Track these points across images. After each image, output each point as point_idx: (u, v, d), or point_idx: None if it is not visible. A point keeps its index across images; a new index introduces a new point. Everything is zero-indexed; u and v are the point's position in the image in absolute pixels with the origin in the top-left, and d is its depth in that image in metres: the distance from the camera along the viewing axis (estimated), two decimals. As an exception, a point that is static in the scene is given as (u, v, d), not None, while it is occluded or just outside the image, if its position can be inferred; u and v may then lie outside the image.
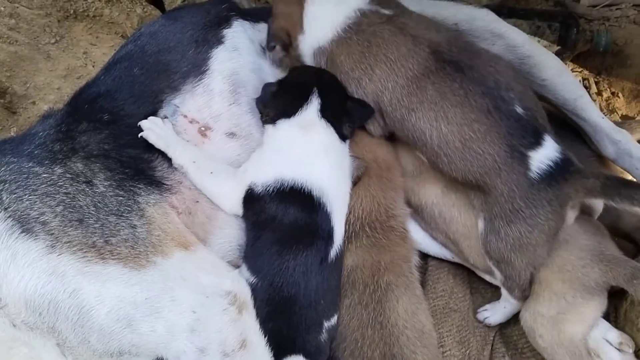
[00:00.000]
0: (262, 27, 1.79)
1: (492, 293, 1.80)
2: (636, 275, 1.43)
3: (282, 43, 1.69)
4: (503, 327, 1.75)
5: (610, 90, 2.45)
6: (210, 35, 1.68)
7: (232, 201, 1.51)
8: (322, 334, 1.44)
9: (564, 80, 1.75)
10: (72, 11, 2.27)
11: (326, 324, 1.45)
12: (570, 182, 1.42)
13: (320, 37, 1.64)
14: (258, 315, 1.38)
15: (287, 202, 1.46)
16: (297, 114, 1.55)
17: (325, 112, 1.56)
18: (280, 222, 1.45)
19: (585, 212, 1.59)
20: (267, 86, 1.63)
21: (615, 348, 1.52)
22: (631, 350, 1.52)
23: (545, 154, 1.44)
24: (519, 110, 1.47)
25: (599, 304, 1.50)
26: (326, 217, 1.48)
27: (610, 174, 1.45)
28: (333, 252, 1.48)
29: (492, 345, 1.71)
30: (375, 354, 1.42)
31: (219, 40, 1.69)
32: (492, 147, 1.45)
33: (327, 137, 1.56)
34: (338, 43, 1.61)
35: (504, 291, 1.61)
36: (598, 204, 1.55)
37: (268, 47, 1.72)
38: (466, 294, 1.79)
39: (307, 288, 1.42)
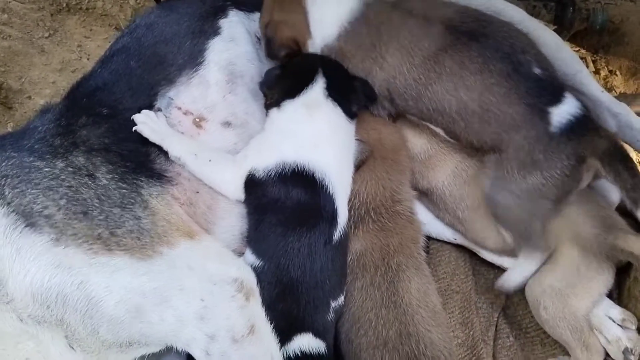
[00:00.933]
0: (257, 17, 1.78)
1: (495, 274, 1.81)
2: None
3: (290, 52, 1.66)
4: (506, 307, 1.77)
5: (607, 69, 2.45)
6: (206, 26, 1.68)
7: (234, 187, 1.52)
8: (329, 314, 1.46)
9: (563, 55, 1.75)
10: (64, 4, 2.25)
11: (333, 304, 1.47)
12: (587, 138, 1.44)
13: (326, 36, 1.64)
14: (267, 296, 1.39)
15: (290, 185, 1.47)
16: (302, 93, 1.56)
17: (332, 91, 1.57)
18: (283, 205, 1.46)
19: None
20: (270, 70, 1.63)
21: (618, 325, 1.54)
22: (634, 327, 1.54)
23: (566, 109, 1.46)
24: (537, 71, 1.50)
25: (606, 280, 1.53)
26: (329, 199, 1.49)
27: (620, 143, 1.45)
28: (337, 234, 1.49)
29: (497, 326, 1.73)
30: (390, 333, 1.43)
31: (215, 31, 1.68)
32: (512, 108, 1.47)
33: (334, 117, 1.57)
34: (346, 38, 1.62)
35: (519, 254, 1.60)
36: (614, 195, 1.56)
37: (276, 58, 1.67)
38: (468, 276, 1.80)
39: (313, 269, 1.43)
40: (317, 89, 1.56)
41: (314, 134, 1.53)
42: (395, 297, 1.47)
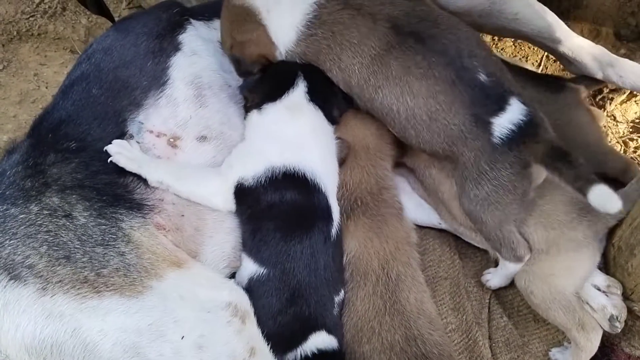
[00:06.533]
0: (217, 25, 1.75)
1: (482, 256, 1.84)
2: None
3: (262, 66, 1.65)
4: (498, 288, 1.79)
5: (569, 34, 2.46)
6: (165, 43, 1.64)
7: (223, 199, 1.51)
8: (335, 309, 1.49)
9: (534, 9, 1.76)
10: (15, 32, 2.19)
11: (336, 299, 1.50)
12: (527, 145, 1.44)
13: (286, 41, 1.62)
14: (277, 302, 1.42)
15: (283, 189, 1.48)
16: (283, 96, 1.58)
17: (313, 95, 1.59)
18: (279, 210, 1.47)
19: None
20: (249, 77, 1.65)
21: (603, 292, 1.57)
22: (619, 292, 1.56)
23: (508, 118, 1.45)
24: (483, 77, 1.47)
25: (590, 257, 1.54)
26: (323, 197, 1.51)
27: (557, 144, 1.44)
28: (334, 230, 1.52)
29: (489, 307, 1.75)
30: (396, 337, 1.46)
31: (176, 47, 1.65)
32: (458, 117, 1.46)
33: (316, 119, 1.59)
34: (305, 41, 1.60)
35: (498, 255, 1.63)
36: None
37: (249, 75, 1.66)
38: (454, 261, 1.82)
39: (317, 268, 1.46)
40: (299, 93, 1.59)
41: (297, 135, 1.55)
42: (397, 305, 1.49)
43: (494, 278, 1.72)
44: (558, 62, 2.05)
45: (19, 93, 2.13)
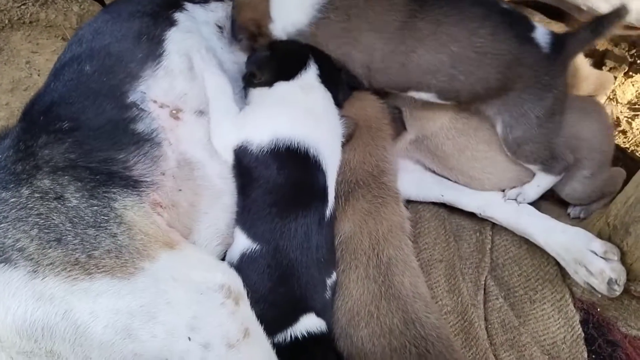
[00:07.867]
0: (214, 7, 1.77)
1: (477, 238, 1.84)
2: None
3: (249, 34, 1.69)
4: (492, 269, 1.79)
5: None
6: (160, 20, 1.64)
7: (225, 144, 1.53)
8: (326, 292, 1.49)
9: None
10: (6, 21, 2.18)
11: (328, 281, 1.49)
12: (569, 41, 1.54)
13: (295, 21, 1.64)
14: (269, 280, 1.41)
15: (283, 162, 1.48)
16: (297, 76, 1.60)
17: (323, 78, 1.63)
18: (275, 183, 1.47)
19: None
20: (258, 53, 1.66)
21: (601, 257, 1.56)
22: (616, 258, 1.56)
23: (541, 31, 1.55)
24: (505, 5, 1.58)
25: None
26: (322, 176, 1.52)
27: (590, 21, 1.57)
28: (328, 211, 1.52)
29: (485, 289, 1.75)
30: (395, 321, 1.46)
31: (171, 23, 1.65)
32: (504, 43, 1.53)
33: (326, 100, 1.62)
34: (317, 25, 1.62)
35: (539, 173, 1.70)
36: None
37: (236, 39, 1.72)
38: (449, 243, 1.83)
39: (310, 248, 1.46)
40: (311, 74, 1.62)
41: (308, 111, 1.56)
42: (392, 289, 1.50)
43: (529, 192, 1.75)
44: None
45: (10, 81, 2.12)
